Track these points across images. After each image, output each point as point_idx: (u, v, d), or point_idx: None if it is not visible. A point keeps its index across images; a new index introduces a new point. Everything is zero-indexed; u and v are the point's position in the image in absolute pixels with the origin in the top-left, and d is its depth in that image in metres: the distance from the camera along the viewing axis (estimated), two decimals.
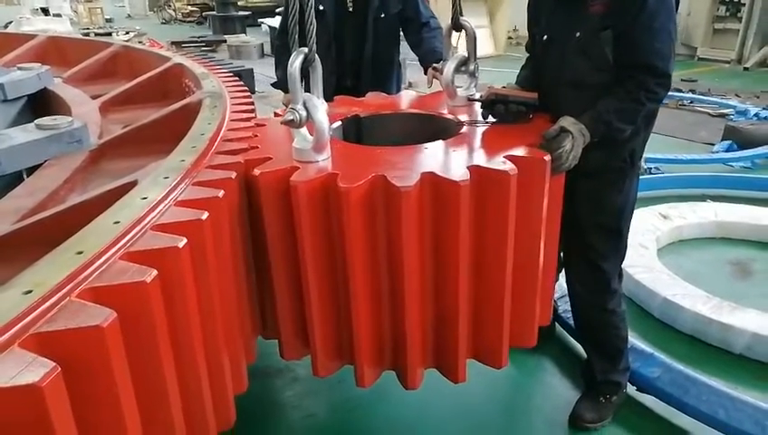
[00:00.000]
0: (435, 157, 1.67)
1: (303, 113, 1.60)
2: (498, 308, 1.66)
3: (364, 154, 1.75)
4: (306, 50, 1.63)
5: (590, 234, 2.00)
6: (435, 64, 2.48)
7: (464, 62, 2.20)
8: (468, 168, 1.51)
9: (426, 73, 2.69)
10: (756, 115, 6.27)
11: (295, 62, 1.60)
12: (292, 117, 1.59)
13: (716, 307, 2.67)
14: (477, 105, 2.05)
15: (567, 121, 1.73)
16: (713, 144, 5.57)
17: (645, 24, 1.70)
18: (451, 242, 1.52)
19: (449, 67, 2.17)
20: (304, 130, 1.62)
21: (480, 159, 1.61)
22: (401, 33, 3.01)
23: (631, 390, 2.27)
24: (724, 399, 2.06)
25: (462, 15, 2.18)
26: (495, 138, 1.83)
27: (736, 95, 7.79)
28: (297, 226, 1.49)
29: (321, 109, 1.61)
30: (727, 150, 5.29)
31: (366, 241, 1.50)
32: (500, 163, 1.54)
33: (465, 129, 1.94)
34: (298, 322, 1.68)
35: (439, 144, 1.78)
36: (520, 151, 1.64)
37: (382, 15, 2.79)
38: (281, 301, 1.65)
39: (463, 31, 2.18)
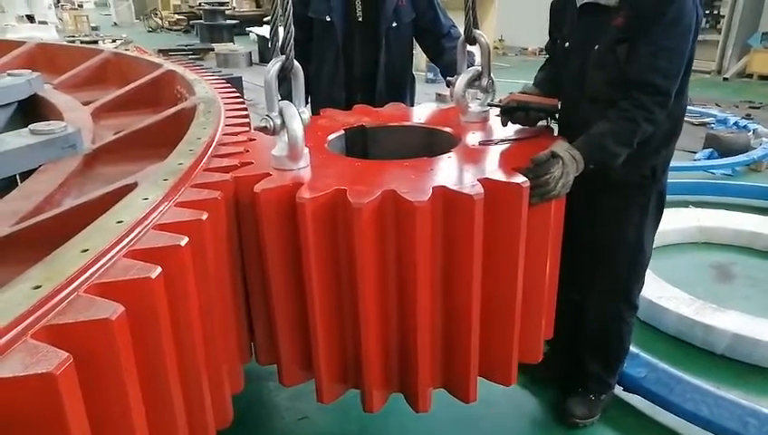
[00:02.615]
0: (409, 174, 1.59)
1: (278, 121, 1.60)
2: (465, 337, 1.58)
3: (344, 166, 1.72)
4: (284, 57, 1.61)
5: (610, 251, 1.96)
6: (449, 78, 2.35)
7: (477, 77, 2.14)
8: (433, 188, 1.44)
9: (448, 86, 2.53)
10: (736, 124, 6.43)
11: (272, 70, 1.59)
12: (266, 124, 1.59)
13: (699, 309, 2.75)
14: (490, 121, 1.98)
15: (559, 147, 1.66)
16: (695, 152, 5.70)
17: (652, 40, 1.63)
18: (409, 264, 1.45)
19: (461, 81, 2.12)
20: (286, 137, 1.61)
21: (450, 179, 1.53)
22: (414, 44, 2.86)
23: (618, 390, 2.32)
24: (707, 397, 2.12)
25: (478, 28, 2.11)
26: (488, 157, 1.77)
27: (717, 105, 7.99)
28: (260, 234, 1.48)
29: (296, 117, 1.60)
30: (708, 158, 5.42)
31: (324, 256, 1.46)
32: (468, 186, 1.45)
33: (460, 146, 1.87)
34: (267, 333, 1.64)
35: (423, 161, 1.73)
36: (499, 175, 1.55)
37: (394, 25, 2.65)
38: (254, 310, 1.63)
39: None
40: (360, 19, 2.66)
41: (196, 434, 1.18)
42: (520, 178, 1.52)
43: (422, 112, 2.36)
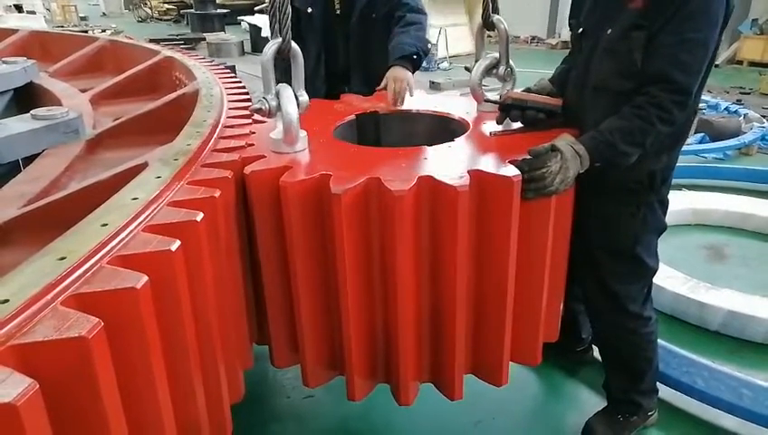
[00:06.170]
0: (401, 162, 1.55)
1: (274, 103, 1.59)
2: (450, 333, 1.53)
3: (339, 152, 1.69)
4: (280, 39, 1.60)
5: (598, 253, 1.82)
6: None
7: (494, 65, 2.04)
8: (418, 178, 1.39)
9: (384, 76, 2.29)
10: (727, 109, 6.51)
11: (269, 52, 1.59)
12: (261, 106, 1.59)
13: (694, 288, 2.81)
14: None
15: (561, 141, 1.55)
16: None
17: (675, 30, 1.47)
18: (391, 253, 1.41)
19: (478, 69, 2.03)
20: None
21: (439, 169, 1.46)
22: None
23: None
24: (702, 370, 2.18)
25: (497, 14, 2.00)
26: (489, 148, 1.72)
27: (708, 91, 8.05)
28: (251, 216, 1.48)
29: (292, 100, 1.59)
30: (700, 143, 5.48)
31: (308, 240, 1.45)
32: (454, 177, 1.40)
33: (465, 135, 1.83)
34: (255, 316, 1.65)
35: (420, 149, 1.69)
36: (491, 166, 1.50)
37: (373, 15, 2.55)
38: (257, 289, 1.62)
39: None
40: (338, 12, 2.60)
41: (213, 406, 1.21)
42: (511, 171, 1.44)
43: (443, 101, 2.30)
